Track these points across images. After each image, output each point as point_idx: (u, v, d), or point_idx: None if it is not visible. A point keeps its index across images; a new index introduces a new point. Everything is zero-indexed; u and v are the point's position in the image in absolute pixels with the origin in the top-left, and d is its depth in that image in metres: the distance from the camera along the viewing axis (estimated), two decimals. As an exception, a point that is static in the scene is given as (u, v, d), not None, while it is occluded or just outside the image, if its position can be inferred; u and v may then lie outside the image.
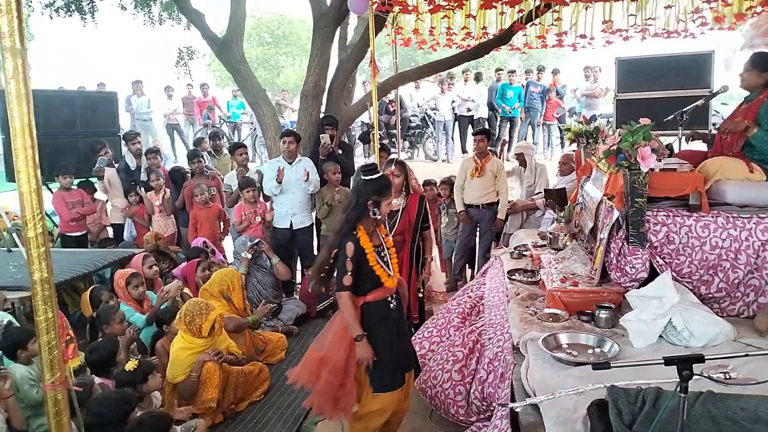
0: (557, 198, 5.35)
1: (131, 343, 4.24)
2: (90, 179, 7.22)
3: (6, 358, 3.68)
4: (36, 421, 3.58)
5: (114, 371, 3.58)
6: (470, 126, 11.84)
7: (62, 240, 6.70)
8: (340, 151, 6.45)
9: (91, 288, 4.69)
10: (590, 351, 2.91)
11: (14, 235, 5.51)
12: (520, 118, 11.90)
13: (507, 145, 10.72)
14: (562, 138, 11.62)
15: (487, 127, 10.95)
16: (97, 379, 3.52)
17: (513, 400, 2.78)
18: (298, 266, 6.54)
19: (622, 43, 7.42)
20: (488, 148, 6.23)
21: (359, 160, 10.32)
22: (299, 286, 6.35)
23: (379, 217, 3.17)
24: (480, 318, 4.20)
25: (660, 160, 3.30)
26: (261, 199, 6.34)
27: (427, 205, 4.75)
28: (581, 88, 12.15)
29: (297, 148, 6.04)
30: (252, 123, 12.70)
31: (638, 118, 3.37)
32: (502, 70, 12.31)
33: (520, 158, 6.55)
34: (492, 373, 3.48)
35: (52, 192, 6.64)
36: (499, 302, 4.06)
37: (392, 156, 5.93)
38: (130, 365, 3.44)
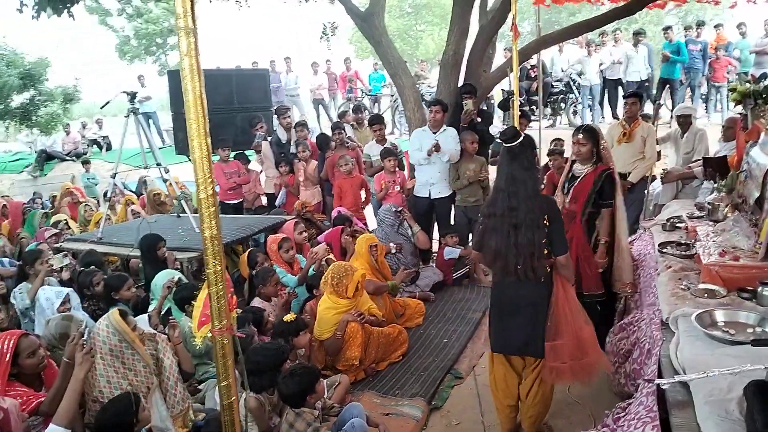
0: (717, 167, 4.90)
1: (287, 304, 4.59)
2: (245, 152, 7.81)
3: (177, 310, 4.17)
4: (201, 369, 4.04)
5: (271, 325, 3.93)
6: (619, 90, 11.06)
7: (221, 207, 7.31)
8: (479, 120, 6.39)
9: (248, 251, 5.12)
10: (750, 330, 2.69)
11: (182, 202, 6.15)
12: (680, 80, 10.88)
13: (661, 109, 9.89)
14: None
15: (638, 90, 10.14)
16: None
17: (660, 376, 2.66)
18: (435, 235, 6.62)
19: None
20: (640, 113, 5.84)
21: (496, 128, 10.14)
22: (436, 254, 6.44)
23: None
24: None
25: (842, 122, 2.90)
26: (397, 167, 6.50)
27: (615, 181, 4.06)
28: (747, 45, 10.84)
29: (443, 118, 6.07)
30: (393, 95, 12.90)
31: (817, 76, 2.96)
32: (670, 28, 11.19)
33: (685, 121, 6.04)
34: (638, 348, 3.34)
35: (214, 163, 7.28)
36: (648, 278, 3.86)
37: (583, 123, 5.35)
38: (288, 317, 3.76)
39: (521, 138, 3.15)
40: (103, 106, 5.81)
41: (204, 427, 2.93)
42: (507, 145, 3.15)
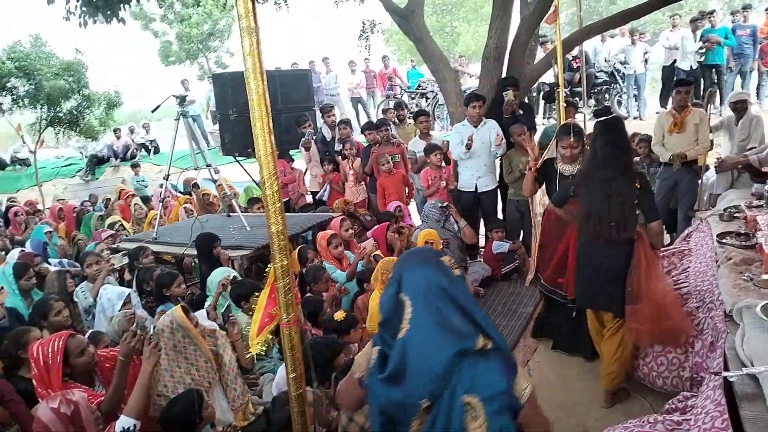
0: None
1: (334, 300, 4.63)
2: (288, 151, 7.90)
3: (235, 307, 4.25)
4: (258, 364, 4.11)
5: (324, 319, 3.97)
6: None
7: (268, 206, 7.44)
8: (521, 112, 6.32)
9: (298, 247, 5.18)
10: (820, 320, 2.59)
11: (234, 201, 6.26)
12: (728, 68, 10.50)
13: (713, 96, 9.56)
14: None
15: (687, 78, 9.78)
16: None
17: (726, 369, 2.60)
18: (481, 230, 6.58)
19: None
20: (689, 101, 5.68)
21: (540, 120, 9.99)
22: (483, 249, 6.40)
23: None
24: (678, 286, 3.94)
25: None
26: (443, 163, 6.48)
27: None
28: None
29: (482, 112, 6.04)
30: (433, 91, 12.86)
31: None
32: (712, 13, 10.79)
33: (741, 107, 5.86)
34: (700, 341, 3.26)
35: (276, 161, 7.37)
36: (706, 268, 3.77)
37: (567, 121, 5.00)
38: (339, 315, 3.78)
39: (613, 115, 3.51)
40: (153, 110, 5.94)
41: (271, 408, 2.98)
42: (600, 120, 3.48)
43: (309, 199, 7.85)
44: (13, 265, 4.77)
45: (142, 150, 14.56)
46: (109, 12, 6.86)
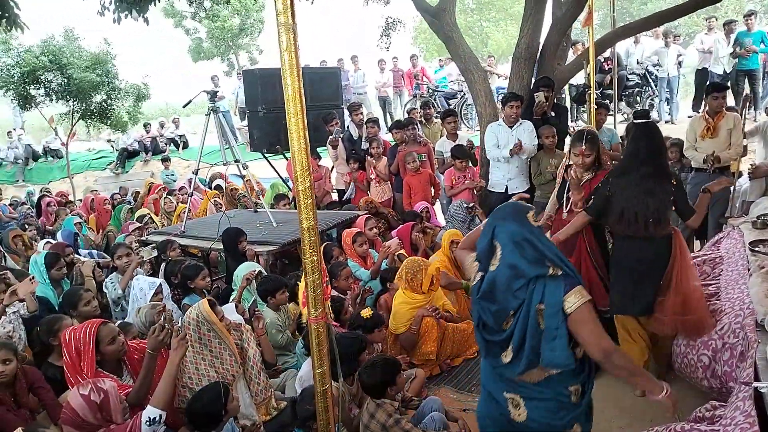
0: None
1: (358, 297, 4.64)
2: (315, 149, 7.94)
3: (261, 302, 4.29)
4: (281, 359, 4.14)
5: (346, 317, 3.98)
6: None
7: (295, 202, 7.49)
8: (553, 114, 6.25)
9: (323, 244, 5.20)
10: None
11: (255, 200, 6.32)
12: (765, 72, 10.23)
13: (750, 101, 9.32)
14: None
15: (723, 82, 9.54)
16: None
17: (757, 380, 2.54)
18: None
19: None
20: (724, 106, 5.55)
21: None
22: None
23: None
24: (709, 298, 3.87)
25: None
26: (470, 164, 6.45)
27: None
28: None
29: (519, 112, 6.00)
30: (461, 90, 12.79)
31: None
32: (752, 14, 10.47)
33: None
34: (729, 350, 3.19)
35: (288, 160, 7.44)
36: (738, 276, 3.69)
37: (580, 128, 4.90)
38: (365, 313, 3.79)
39: (651, 120, 3.60)
40: (185, 105, 6.01)
41: (299, 399, 3.00)
42: (640, 122, 3.61)
43: (335, 196, 7.87)
44: (45, 255, 4.87)
45: (171, 145, 14.77)
46: (139, 9, 6.96)
